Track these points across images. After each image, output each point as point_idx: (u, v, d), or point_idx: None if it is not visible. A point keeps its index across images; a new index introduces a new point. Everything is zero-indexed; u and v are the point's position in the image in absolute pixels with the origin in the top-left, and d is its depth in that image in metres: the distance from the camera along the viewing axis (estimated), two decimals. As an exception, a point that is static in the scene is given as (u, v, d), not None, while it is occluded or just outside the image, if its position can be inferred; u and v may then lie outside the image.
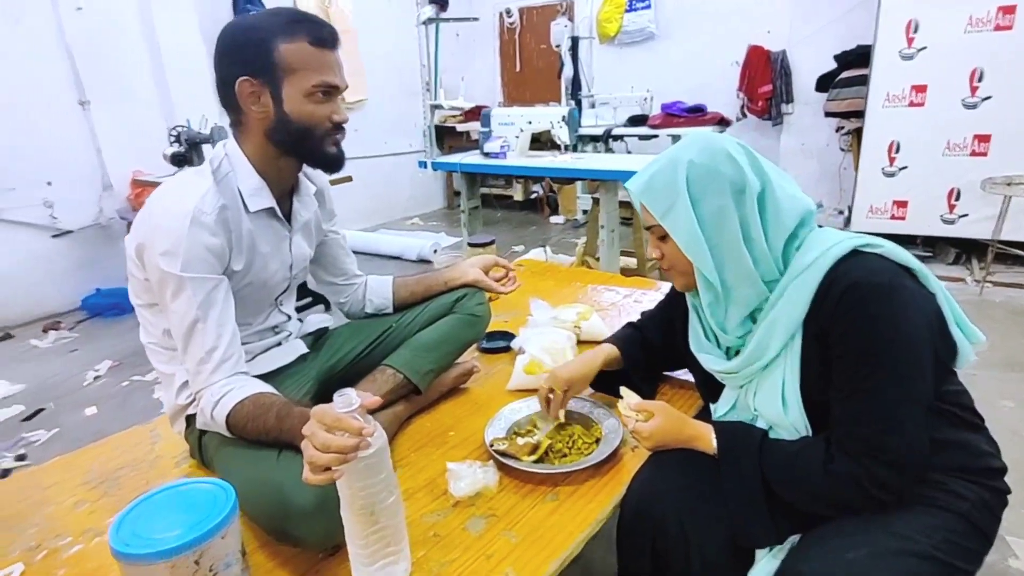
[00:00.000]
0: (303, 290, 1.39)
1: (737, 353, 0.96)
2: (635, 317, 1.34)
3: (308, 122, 1.03)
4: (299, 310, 1.34)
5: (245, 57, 1.00)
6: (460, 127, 5.79)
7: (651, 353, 1.24)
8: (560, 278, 2.24)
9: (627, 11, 5.30)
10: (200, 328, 0.98)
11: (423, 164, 3.22)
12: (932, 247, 3.81)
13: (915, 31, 3.43)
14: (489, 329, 1.68)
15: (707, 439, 0.96)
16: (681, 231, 0.89)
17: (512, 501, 1.03)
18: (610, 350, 1.24)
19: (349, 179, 3.10)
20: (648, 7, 5.18)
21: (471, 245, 1.90)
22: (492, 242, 1.89)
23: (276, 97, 1.01)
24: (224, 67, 1.02)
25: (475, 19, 4.38)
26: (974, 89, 3.36)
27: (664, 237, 0.93)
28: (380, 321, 1.39)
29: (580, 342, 1.60)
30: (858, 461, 0.81)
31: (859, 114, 3.81)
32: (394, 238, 4.68)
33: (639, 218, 3.47)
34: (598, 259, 3.42)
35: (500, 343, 1.63)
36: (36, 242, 3.48)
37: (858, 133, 3.95)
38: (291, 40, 0.99)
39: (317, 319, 1.35)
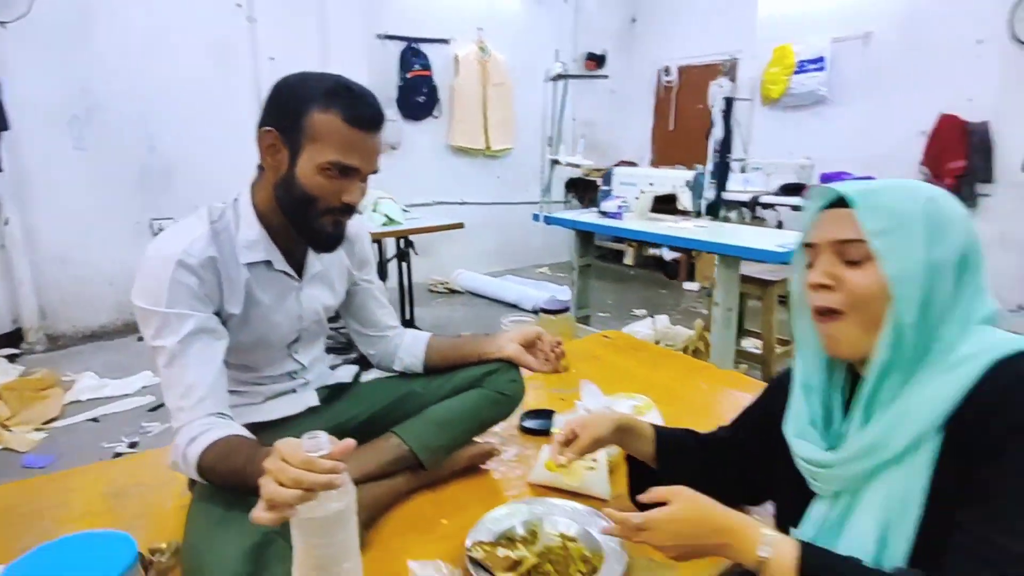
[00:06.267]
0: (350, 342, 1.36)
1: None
2: (706, 424, 1.07)
3: (312, 193, 0.99)
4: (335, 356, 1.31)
5: (280, 111, 1.00)
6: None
7: (709, 467, 0.99)
8: (643, 359, 2.01)
9: (796, 72, 4.90)
10: (180, 364, 0.96)
11: (536, 217, 3.18)
12: None
13: None
14: (539, 406, 1.54)
15: (749, 538, 0.71)
16: (899, 259, 0.69)
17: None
18: (646, 427, 1.03)
19: (460, 226, 3.15)
20: (822, 69, 4.73)
21: (542, 311, 1.77)
22: (565, 310, 1.75)
23: (292, 159, 0.99)
24: (263, 112, 1.02)
25: (604, 76, 4.22)
26: None
27: (857, 263, 0.72)
28: (403, 383, 1.31)
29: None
30: None
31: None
32: (514, 285, 4.68)
33: (770, 296, 3.04)
34: (716, 337, 3.08)
35: (543, 423, 1.47)
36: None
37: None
38: (325, 110, 0.96)
39: (343, 372, 1.31)
